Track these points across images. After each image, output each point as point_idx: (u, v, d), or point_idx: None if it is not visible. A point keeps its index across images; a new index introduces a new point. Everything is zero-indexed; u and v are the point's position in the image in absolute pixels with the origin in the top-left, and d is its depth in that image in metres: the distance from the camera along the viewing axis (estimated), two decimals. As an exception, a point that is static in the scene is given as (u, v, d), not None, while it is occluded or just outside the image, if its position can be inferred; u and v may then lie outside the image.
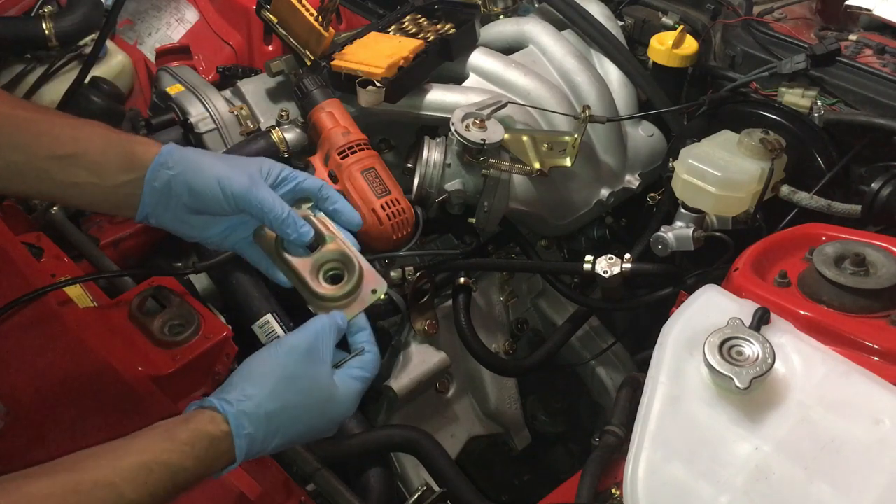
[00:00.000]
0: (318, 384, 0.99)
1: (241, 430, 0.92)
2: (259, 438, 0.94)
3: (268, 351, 0.99)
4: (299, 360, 0.98)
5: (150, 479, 0.86)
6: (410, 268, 1.52)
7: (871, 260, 1.12)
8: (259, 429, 0.94)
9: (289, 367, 0.97)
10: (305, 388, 0.98)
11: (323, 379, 1.00)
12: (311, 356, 0.99)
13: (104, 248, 1.76)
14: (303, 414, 0.98)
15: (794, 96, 1.58)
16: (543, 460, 1.87)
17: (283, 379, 0.96)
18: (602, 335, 1.87)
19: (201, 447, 0.90)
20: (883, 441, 0.91)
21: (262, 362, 0.98)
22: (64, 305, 1.33)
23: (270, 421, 0.95)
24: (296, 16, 1.59)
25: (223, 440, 0.92)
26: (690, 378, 1.00)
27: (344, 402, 1.02)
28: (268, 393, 0.95)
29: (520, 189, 1.58)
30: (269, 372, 0.97)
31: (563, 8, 1.81)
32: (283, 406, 0.96)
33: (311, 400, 0.98)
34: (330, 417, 1.02)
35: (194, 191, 1.04)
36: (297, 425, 0.98)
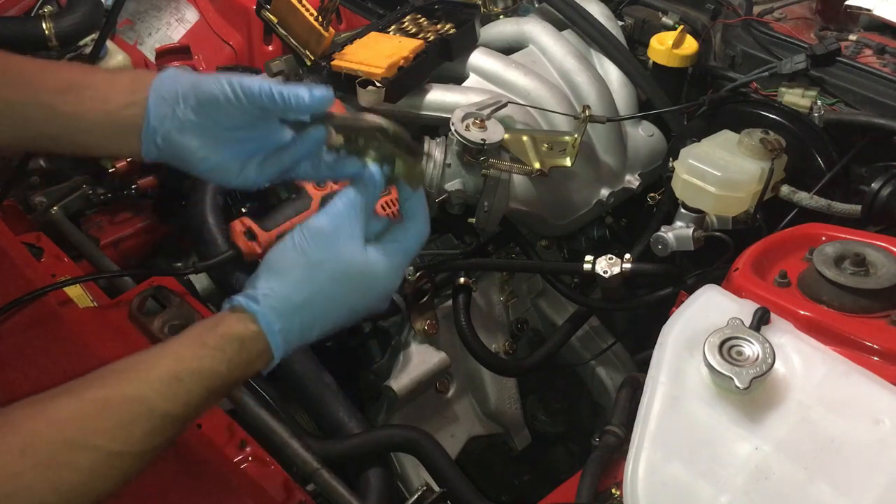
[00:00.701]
0: (348, 264, 0.91)
1: (273, 326, 0.87)
2: (295, 331, 0.89)
3: (290, 238, 0.92)
4: (323, 242, 0.91)
5: (181, 389, 0.82)
6: (410, 268, 1.52)
7: (871, 260, 1.12)
8: (293, 322, 0.89)
9: (312, 252, 0.90)
10: (334, 270, 0.90)
11: (354, 256, 0.91)
12: (335, 235, 0.91)
13: (104, 248, 1.77)
14: (339, 297, 0.91)
15: (794, 96, 1.58)
16: (543, 460, 1.87)
17: (308, 266, 0.90)
18: (602, 335, 1.86)
19: (233, 350, 0.86)
20: (883, 441, 0.91)
21: (284, 252, 0.91)
22: (64, 305, 1.34)
23: (303, 311, 0.89)
24: (296, 16, 1.59)
25: (256, 340, 0.87)
26: (690, 378, 1.00)
27: (384, 276, 0.94)
28: (293, 284, 0.89)
29: (520, 189, 1.58)
30: (292, 261, 0.90)
31: (563, 8, 1.81)
32: (313, 294, 0.89)
33: (344, 283, 0.91)
34: (372, 294, 0.94)
35: (201, 92, 0.93)
36: (335, 310, 0.92)
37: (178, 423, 0.83)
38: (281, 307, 0.88)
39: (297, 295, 0.89)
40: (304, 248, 0.90)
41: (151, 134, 0.93)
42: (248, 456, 1.17)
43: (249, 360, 0.88)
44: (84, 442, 0.78)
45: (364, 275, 0.92)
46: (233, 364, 0.86)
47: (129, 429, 0.80)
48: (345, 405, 1.34)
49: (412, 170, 0.94)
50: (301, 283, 0.89)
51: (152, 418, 0.81)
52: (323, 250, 0.90)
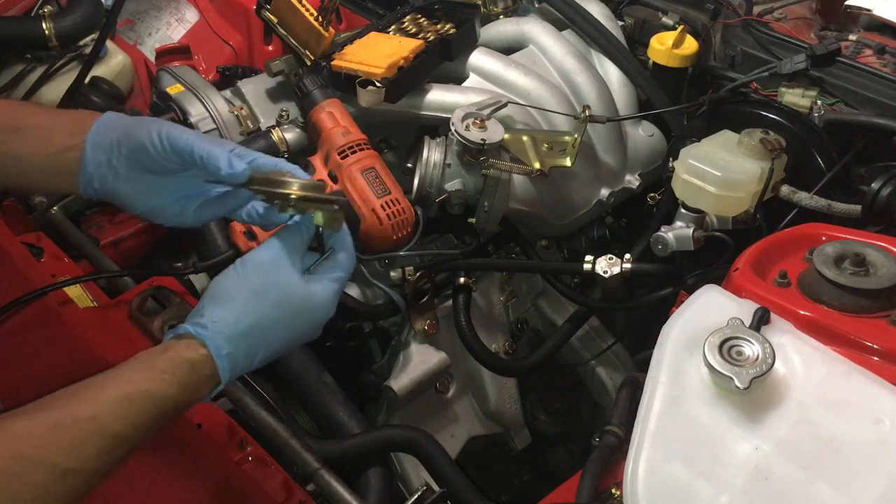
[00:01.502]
0: (290, 292, 0.98)
1: (220, 350, 0.92)
2: (241, 356, 0.94)
3: (233, 269, 0.98)
4: (265, 272, 0.97)
5: (132, 410, 0.85)
6: (410, 268, 1.52)
7: (871, 260, 1.12)
8: (239, 347, 0.93)
9: (255, 282, 0.96)
10: (277, 298, 0.96)
11: (294, 286, 0.98)
12: (277, 266, 0.98)
13: (104, 248, 1.76)
14: (281, 324, 0.97)
15: (794, 96, 1.58)
16: (543, 460, 1.87)
17: (252, 294, 0.95)
18: (602, 335, 1.86)
19: (182, 373, 0.89)
20: (883, 441, 0.91)
21: (228, 282, 0.97)
22: (64, 305, 1.33)
23: (249, 337, 0.94)
24: (296, 16, 1.59)
25: (204, 364, 0.91)
26: (690, 378, 1.00)
27: (321, 305, 1.00)
28: (238, 311, 0.94)
29: (520, 189, 1.58)
30: (236, 290, 0.96)
31: (563, 8, 1.81)
32: (258, 320, 0.95)
33: (286, 309, 0.97)
34: (312, 320, 1.00)
35: (133, 141, 0.99)
36: (277, 336, 0.97)
37: (128, 443, 0.86)
38: (228, 333, 0.93)
39: (243, 322, 0.94)
40: (248, 277, 0.96)
41: (88, 179, 1.01)
42: (248, 456, 1.17)
43: (198, 384, 0.91)
44: (38, 458, 0.79)
45: (304, 302, 0.98)
46: (182, 387, 0.89)
47: (81, 448, 0.82)
48: (345, 405, 1.34)
49: (331, 217, 1.02)
50: (246, 310, 0.94)
51: (104, 438, 0.83)
52: (265, 279, 0.96)
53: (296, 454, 1.19)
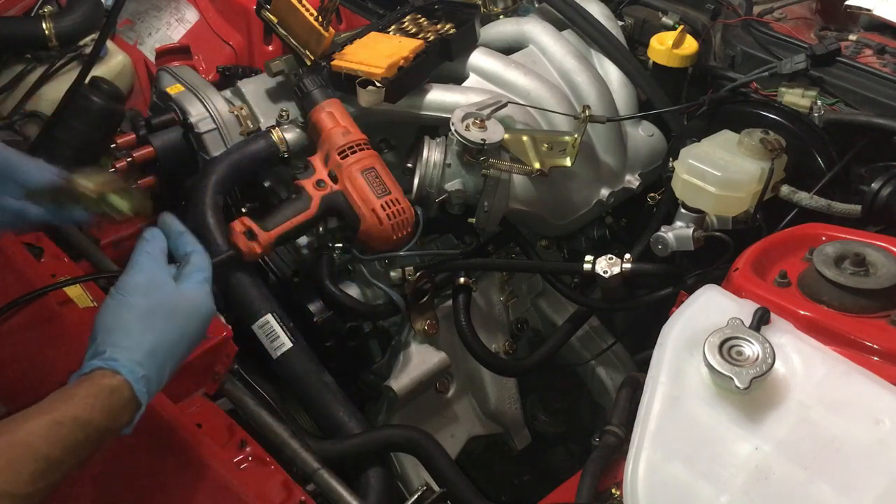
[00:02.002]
0: (174, 305, 1.02)
1: (136, 374, 0.95)
2: (154, 376, 0.97)
3: (114, 301, 1.01)
4: (147, 292, 1.01)
5: (61, 433, 0.88)
6: (410, 268, 1.52)
7: (871, 260, 1.12)
8: (150, 368, 0.97)
9: (142, 304, 0.99)
10: (166, 313, 1.01)
11: (176, 299, 1.03)
12: (154, 284, 1.02)
13: (104, 248, 1.76)
14: (178, 335, 1.01)
15: (794, 96, 1.58)
16: (543, 460, 1.87)
17: (144, 316, 0.99)
18: (602, 335, 1.86)
19: (103, 397, 0.92)
20: (883, 441, 0.91)
21: (116, 312, 1.00)
22: (64, 305, 1.33)
23: (155, 355, 0.98)
24: (296, 16, 1.59)
25: (123, 389, 0.94)
26: (690, 378, 1.00)
27: (203, 306, 1.05)
28: (137, 335, 0.98)
29: (520, 189, 1.58)
30: (128, 318, 0.99)
31: (563, 8, 1.81)
32: (158, 338, 0.99)
33: (177, 320, 1.01)
34: (201, 321, 1.05)
35: None
36: (178, 347, 1.02)
37: (59, 467, 0.88)
38: (136, 357, 0.97)
39: (146, 344, 0.98)
40: (133, 303, 0.99)
41: None
42: (248, 456, 1.17)
43: (120, 408, 0.94)
44: None
45: (190, 306, 1.04)
46: (105, 411, 0.92)
47: (15, 470, 0.85)
48: (345, 405, 1.34)
49: (138, 201, 1.11)
50: (144, 333, 0.98)
51: (37, 461, 0.86)
52: (149, 300, 1.00)
53: (296, 454, 1.19)
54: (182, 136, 1.59)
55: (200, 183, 1.44)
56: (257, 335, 1.36)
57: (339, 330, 1.51)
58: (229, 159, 1.49)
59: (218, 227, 1.40)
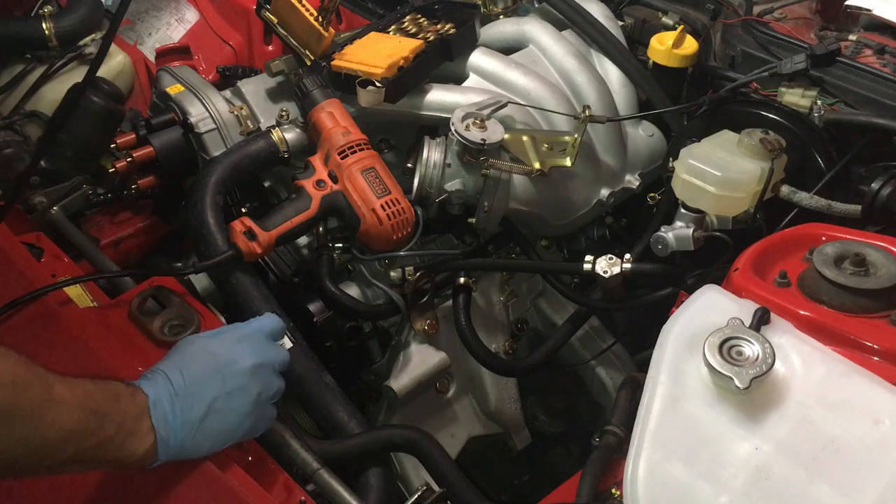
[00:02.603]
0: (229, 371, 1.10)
1: (157, 393, 1.04)
2: (178, 410, 1.04)
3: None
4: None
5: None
6: (410, 268, 1.52)
7: (871, 260, 1.12)
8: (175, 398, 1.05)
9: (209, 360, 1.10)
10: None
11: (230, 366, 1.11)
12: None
13: (104, 248, 1.77)
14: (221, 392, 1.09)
15: (794, 96, 1.58)
16: (543, 460, 1.87)
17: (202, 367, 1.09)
18: (602, 335, 1.86)
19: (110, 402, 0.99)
20: (883, 441, 0.92)
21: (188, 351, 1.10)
22: (64, 305, 1.33)
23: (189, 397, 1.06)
24: (296, 16, 1.59)
25: (136, 397, 1.02)
26: (690, 378, 1.00)
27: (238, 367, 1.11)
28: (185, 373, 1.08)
29: (520, 189, 1.58)
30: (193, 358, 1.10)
31: (563, 8, 1.81)
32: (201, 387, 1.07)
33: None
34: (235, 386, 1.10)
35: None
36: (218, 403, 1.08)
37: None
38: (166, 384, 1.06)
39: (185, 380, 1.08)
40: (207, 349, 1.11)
41: None
42: (248, 456, 1.17)
43: (126, 420, 0.99)
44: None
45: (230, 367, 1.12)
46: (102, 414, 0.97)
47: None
48: (345, 405, 1.34)
49: None
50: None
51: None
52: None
53: (296, 454, 1.19)
54: (182, 136, 1.60)
55: (200, 183, 1.44)
56: (257, 335, 1.36)
57: (339, 330, 1.51)
58: (229, 159, 1.49)
59: (218, 227, 1.40)
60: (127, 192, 1.65)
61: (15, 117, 1.85)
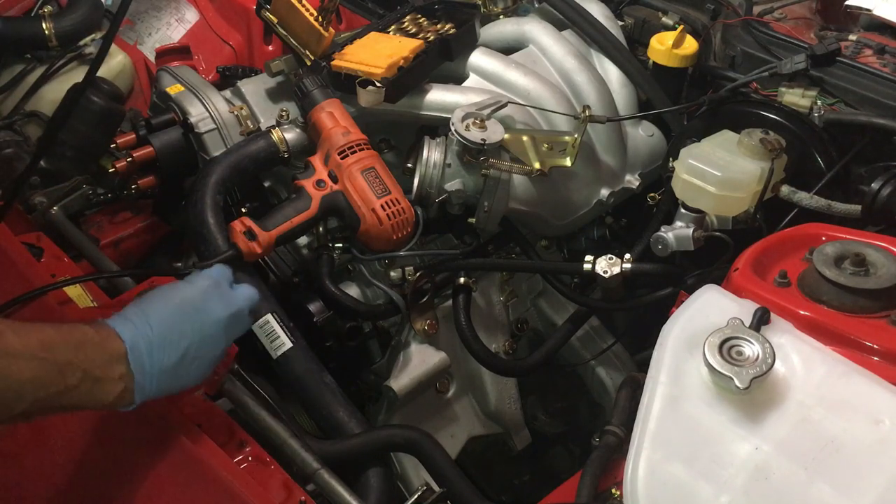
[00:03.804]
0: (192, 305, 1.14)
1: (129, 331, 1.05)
2: (151, 345, 1.06)
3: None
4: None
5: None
6: (410, 268, 1.52)
7: (871, 260, 1.12)
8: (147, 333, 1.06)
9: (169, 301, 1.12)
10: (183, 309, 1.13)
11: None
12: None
13: (104, 248, 1.77)
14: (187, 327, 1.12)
15: (794, 96, 1.58)
16: (543, 460, 1.87)
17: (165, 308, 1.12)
18: (602, 335, 1.86)
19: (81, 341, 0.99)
20: (883, 441, 0.92)
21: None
22: (64, 305, 1.33)
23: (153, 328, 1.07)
24: (296, 16, 1.59)
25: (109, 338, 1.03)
26: (690, 378, 1.00)
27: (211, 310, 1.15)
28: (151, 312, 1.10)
29: (520, 189, 1.58)
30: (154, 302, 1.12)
31: (563, 8, 1.81)
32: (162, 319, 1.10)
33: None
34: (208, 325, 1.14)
35: None
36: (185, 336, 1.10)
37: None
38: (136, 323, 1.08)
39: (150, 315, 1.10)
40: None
41: None
42: (248, 456, 1.17)
43: (103, 358, 1.00)
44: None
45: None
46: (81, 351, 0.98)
47: None
48: (345, 405, 1.34)
49: None
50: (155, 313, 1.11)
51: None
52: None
53: (296, 454, 1.19)
54: (182, 136, 1.60)
55: (200, 183, 1.44)
56: (257, 335, 1.36)
57: (339, 330, 1.51)
58: (229, 159, 1.49)
59: (218, 227, 1.40)
60: (127, 192, 1.66)
61: (15, 117, 1.85)
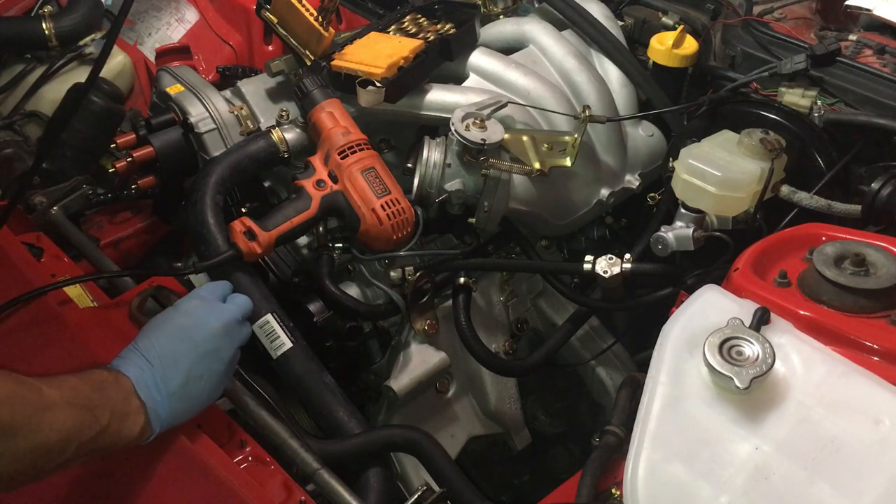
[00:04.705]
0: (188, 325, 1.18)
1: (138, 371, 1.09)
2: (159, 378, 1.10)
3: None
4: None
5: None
6: (410, 268, 1.52)
7: (871, 260, 1.12)
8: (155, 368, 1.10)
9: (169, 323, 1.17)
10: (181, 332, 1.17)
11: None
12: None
13: (104, 248, 1.77)
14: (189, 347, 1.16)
15: (794, 96, 1.58)
16: (543, 460, 1.87)
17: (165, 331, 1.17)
18: (602, 335, 1.86)
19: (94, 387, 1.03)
20: (883, 441, 0.92)
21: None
22: (64, 305, 1.34)
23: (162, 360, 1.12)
24: (296, 16, 1.59)
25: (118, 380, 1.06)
26: (690, 378, 1.00)
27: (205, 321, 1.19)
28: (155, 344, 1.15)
29: (520, 189, 1.58)
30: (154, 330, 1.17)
31: (563, 8, 1.81)
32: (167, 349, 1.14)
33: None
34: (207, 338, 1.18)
35: None
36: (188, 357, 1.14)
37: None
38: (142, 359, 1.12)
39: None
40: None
41: None
42: (248, 456, 1.17)
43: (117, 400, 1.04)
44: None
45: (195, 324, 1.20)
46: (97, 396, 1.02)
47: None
48: (345, 405, 1.34)
49: None
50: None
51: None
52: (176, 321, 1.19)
53: (296, 454, 1.19)
54: (182, 136, 1.59)
55: (200, 183, 1.44)
56: (257, 335, 1.36)
57: (339, 330, 1.51)
58: (229, 159, 1.49)
59: (218, 227, 1.40)
60: (127, 192, 1.66)
61: (15, 117, 1.85)
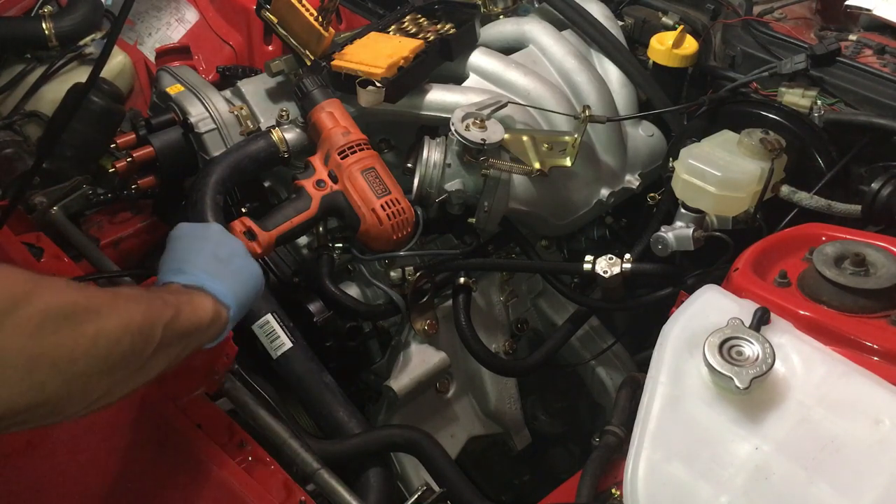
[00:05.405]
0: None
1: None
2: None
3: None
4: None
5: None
6: (410, 268, 1.52)
7: (871, 260, 1.12)
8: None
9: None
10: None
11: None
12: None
13: (104, 248, 1.77)
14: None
15: (794, 96, 1.58)
16: (543, 460, 1.87)
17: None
18: (602, 335, 1.86)
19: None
20: (883, 441, 0.92)
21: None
22: (64, 305, 1.33)
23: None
24: (296, 16, 1.59)
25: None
26: (690, 378, 1.00)
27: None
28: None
29: (520, 189, 1.58)
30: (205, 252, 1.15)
31: (563, 8, 1.81)
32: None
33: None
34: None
35: None
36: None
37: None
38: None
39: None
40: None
41: None
42: (248, 456, 1.17)
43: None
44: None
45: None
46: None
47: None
48: (345, 405, 1.34)
49: None
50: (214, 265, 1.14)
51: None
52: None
53: (296, 454, 1.19)
54: (182, 136, 1.60)
55: (200, 183, 1.44)
56: (257, 335, 1.36)
57: (339, 330, 1.51)
58: (229, 159, 1.49)
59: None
60: (127, 192, 1.66)
61: (15, 117, 1.85)
